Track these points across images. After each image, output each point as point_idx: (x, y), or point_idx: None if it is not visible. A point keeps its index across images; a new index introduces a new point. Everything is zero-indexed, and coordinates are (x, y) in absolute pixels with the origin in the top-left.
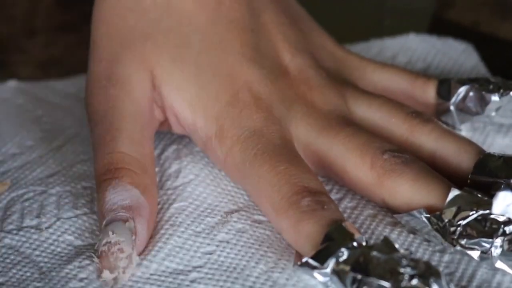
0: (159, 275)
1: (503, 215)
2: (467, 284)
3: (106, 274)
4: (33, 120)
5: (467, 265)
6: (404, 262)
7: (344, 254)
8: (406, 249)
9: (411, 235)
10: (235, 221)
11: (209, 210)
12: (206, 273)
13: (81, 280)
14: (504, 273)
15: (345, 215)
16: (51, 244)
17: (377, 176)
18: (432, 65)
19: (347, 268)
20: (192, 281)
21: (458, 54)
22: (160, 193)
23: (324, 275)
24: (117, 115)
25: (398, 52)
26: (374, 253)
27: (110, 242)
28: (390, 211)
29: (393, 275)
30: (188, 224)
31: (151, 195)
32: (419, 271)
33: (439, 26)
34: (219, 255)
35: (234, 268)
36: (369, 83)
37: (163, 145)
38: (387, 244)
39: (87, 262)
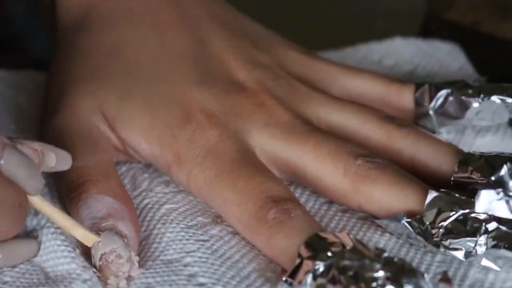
0: (154, 268)
1: (484, 213)
2: (460, 284)
3: (113, 281)
4: (15, 105)
5: (459, 265)
6: (377, 266)
7: (320, 267)
8: (379, 249)
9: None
10: (227, 225)
11: (200, 212)
12: (200, 257)
13: (84, 281)
14: (496, 272)
15: (336, 218)
16: (50, 240)
17: (352, 182)
18: (419, 67)
19: (324, 281)
20: (186, 265)
21: (444, 55)
22: (149, 195)
23: None
24: (65, 136)
25: (385, 55)
26: (346, 262)
27: (105, 253)
28: (370, 216)
29: (367, 283)
30: (180, 220)
31: (122, 196)
32: (392, 273)
33: (439, 26)
34: (212, 244)
35: (229, 258)
36: (342, 91)
37: None
38: (358, 249)
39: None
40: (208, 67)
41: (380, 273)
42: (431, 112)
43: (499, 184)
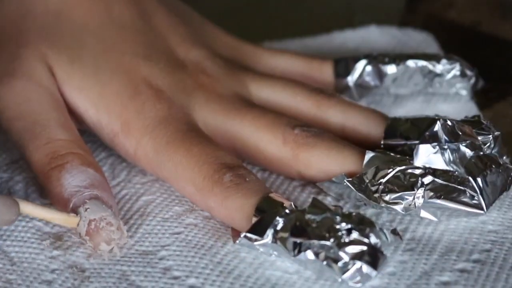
0: (129, 257)
1: (419, 168)
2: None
3: (104, 246)
4: None
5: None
6: (338, 218)
7: (280, 222)
8: (335, 205)
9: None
10: (202, 210)
11: (177, 201)
12: (174, 250)
13: (52, 271)
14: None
15: (310, 200)
16: (20, 232)
17: (291, 150)
18: None
19: (286, 234)
20: (161, 259)
21: (418, 44)
22: (128, 186)
23: (265, 245)
24: (37, 106)
25: (360, 43)
26: (308, 215)
27: (94, 219)
28: (310, 183)
29: (332, 233)
30: (157, 213)
31: (101, 171)
32: (354, 224)
33: (439, 26)
34: (187, 235)
35: (202, 246)
36: (267, 69)
37: None
38: (317, 205)
39: (57, 252)
40: (152, 41)
41: (343, 225)
42: (350, 84)
43: (434, 138)
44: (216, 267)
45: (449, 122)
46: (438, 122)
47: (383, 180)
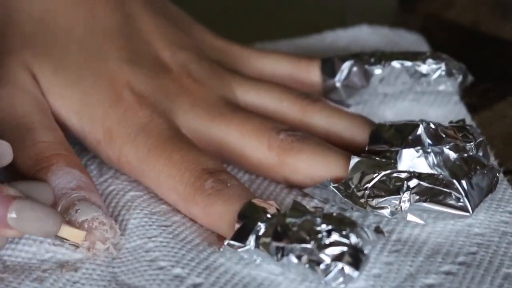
0: (120, 258)
1: (404, 172)
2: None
3: (99, 245)
4: None
5: (388, 221)
6: (319, 220)
7: (262, 227)
8: (316, 207)
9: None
10: None
11: (164, 199)
12: (161, 242)
13: (44, 271)
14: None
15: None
16: None
17: (277, 155)
18: None
19: (268, 239)
20: (148, 251)
21: (409, 44)
22: (115, 182)
23: (249, 251)
24: (20, 110)
25: (351, 43)
26: (289, 219)
27: (86, 220)
28: (295, 187)
29: (312, 235)
30: (144, 207)
31: (86, 172)
32: (335, 224)
33: (438, 26)
34: (174, 229)
35: (189, 241)
36: (255, 71)
37: None
38: (298, 208)
39: (49, 255)
40: (136, 45)
41: (323, 226)
42: (338, 84)
43: (417, 143)
44: (203, 262)
45: (432, 125)
46: (420, 125)
47: (369, 185)
